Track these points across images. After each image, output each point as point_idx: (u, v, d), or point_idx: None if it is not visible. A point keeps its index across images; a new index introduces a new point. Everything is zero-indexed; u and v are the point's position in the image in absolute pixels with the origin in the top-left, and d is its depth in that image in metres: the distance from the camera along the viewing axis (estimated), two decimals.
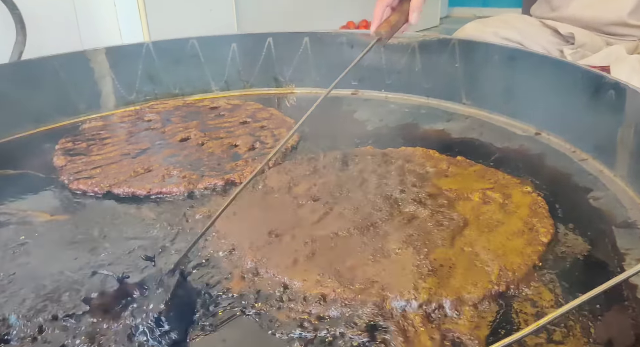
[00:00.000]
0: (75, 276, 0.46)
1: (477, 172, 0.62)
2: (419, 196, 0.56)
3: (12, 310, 0.42)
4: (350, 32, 0.93)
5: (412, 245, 0.48)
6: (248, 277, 0.46)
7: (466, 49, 0.82)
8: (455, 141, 0.74)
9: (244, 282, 0.46)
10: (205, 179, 0.65)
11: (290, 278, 0.45)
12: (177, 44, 0.93)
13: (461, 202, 0.56)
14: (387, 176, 0.60)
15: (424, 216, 0.53)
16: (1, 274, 0.47)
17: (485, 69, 0.80)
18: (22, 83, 0.79)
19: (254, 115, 0.87)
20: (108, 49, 0.88)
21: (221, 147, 0.75)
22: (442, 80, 0.87)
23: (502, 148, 0.71)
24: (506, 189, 0.58)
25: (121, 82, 0.91)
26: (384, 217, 0.53)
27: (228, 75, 0.98)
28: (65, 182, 0.65)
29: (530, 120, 0.76)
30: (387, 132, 0.79)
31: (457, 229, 0.51)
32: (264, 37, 0.95)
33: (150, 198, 0.62)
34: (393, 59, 0.91)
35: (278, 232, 0.51)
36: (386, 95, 0.94)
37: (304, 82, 0.98)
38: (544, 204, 0.55)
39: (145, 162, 0.70)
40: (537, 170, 0.64)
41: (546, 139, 0.72)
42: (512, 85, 0.78)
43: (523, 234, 0.50)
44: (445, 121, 0.81)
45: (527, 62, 0.74)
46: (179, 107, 0.92)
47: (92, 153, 0.74)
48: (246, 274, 0.46)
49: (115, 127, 0.84)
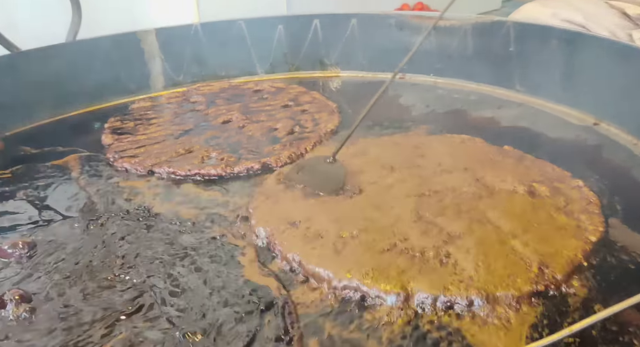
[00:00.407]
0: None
1: (524, 163, 0.58)
2: (463, 186, 0.54)
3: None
4: (400, 14, 0.90)
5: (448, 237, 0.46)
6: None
7: (522, 32, 0.77)
8: (505, 130, 0.70)
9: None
10: (242, 162, 0.65)
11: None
12: (225, 25, 0.94)
13: (505, 194, 0.53)
14: (426, 166, 0.58)
15: (466, 207, 0.50)
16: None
17: (542, 54, 0.75)
18: (76, 63, 0.82)
19: (296, 99, 0.86)
20: (158, 30, 0.89)
21: (261, 130, 0.75)
22: (495, 66, 0.82)
23: (555, 138, 0.67)
24: (555, 183, 0.54)
25: (170, 63, 0.92)
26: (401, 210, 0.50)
27: (274, 58, 0.97)
28: (111, 160, 0.68)
29: (589, 109, 0.70)
30: (433, 118, 0.76)
31: (498, 223, 0.48)
32: (311, 19, 0.93)
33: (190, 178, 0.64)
34: (444, 42, 0.87)
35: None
36: (435, 80, 0.90)
37: (350, 66, 0.96)
38: (596, 200, 0.51)
39: (186, 143, 0.71)
40: (593, 163, 0.60)
41: (605, 130, 0.67)
42: (571, 71, 0.72)
43: (569, 231, 0.47)
44: (496, 108, 0.77)
45: (589, 46, 0.68)
46: (224, 89, 0.92)
47: (138, 132, 0.76)
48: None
49: (162, 107, 0.85)
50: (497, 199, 0.52)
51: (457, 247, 0.45)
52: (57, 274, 0.45)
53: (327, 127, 0.75)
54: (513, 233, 0.47)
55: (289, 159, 0.67)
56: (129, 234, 0.51)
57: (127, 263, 0.46)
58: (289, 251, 0.46)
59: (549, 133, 0.68)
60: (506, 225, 0.48)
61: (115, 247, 0.49)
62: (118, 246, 0.49)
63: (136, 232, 0.51)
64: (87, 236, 0.51)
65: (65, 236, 0.51)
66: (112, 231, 0.51)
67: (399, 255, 0.44)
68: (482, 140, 0.63)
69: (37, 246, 0.49)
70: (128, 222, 0.53)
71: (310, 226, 0.49)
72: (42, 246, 0.49)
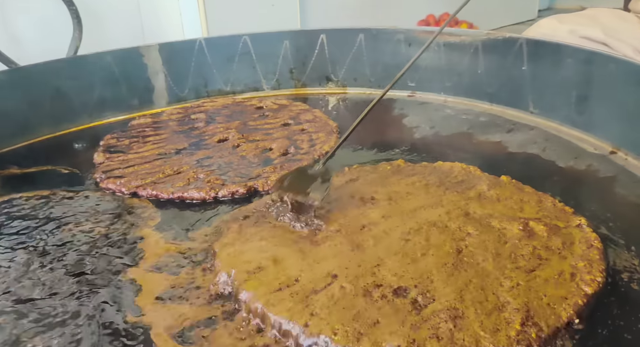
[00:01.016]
0: None
1: (522, 197, 0.53)
2: (445, 223, 0.49)
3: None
4: (408, 29, 0.85)
5: (419, 284, 0.42)
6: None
7: (535, 49, 0.71)
8: (511, 156, 0.65)
9: None
10: (227, 186, 0.63)
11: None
12: (230, 40, 0.92)
13: (496, 232, 0.48)
14: (410, 199, 0.53)
15: (447, 248, 0.46)
16: None
17: (557, 74, 0.69)
18: (77, 78, 0.82)
19: (297, 117, 0.83)
20: (161, 45, 0.89)
21: (255, 150, 0.72)
22: (508, 85, 0.77)
23: (565, 168, 0.61)
24: (554, 220, 0.49)
25: (173, 79, 0.91)
26: (384, 250, 0.46)
27: (280, 74, 0.95)
28: (97, 180, 0.66)
29: (606, 136, 0.64)
30: (435, 141, 0.71)
31: (483, 266, 0.43)
32: (317, 34, 0.91)
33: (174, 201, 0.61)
34: (453, 59, 0.82)
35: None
36: (445, 98, 0.86)
37: (358, 82, 0.93)
38: (598, 243, 0.45)
39: (176, 164, 0.69)
40: (604, 197, 0.54)
41: (622, 160, 0.61)
42: (588, 93, 0.66)
43: (562, 280, 0.42)
44: (505, 132, 0.72)
45: (606, 67, 0.62)
46: (227, 106, 0.91)
47: (132, 151, 0.75)
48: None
49: (161, 124, 0.84)
50: (485, 238, 0.47)
51: (437, 294, 0.40)
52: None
53: (323, 148, 0.72)
54: (499, 280, 0.42)
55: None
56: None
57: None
58: (253, 301, 0.42)
59: (559, 161, 0.62)
60: (492, 270, 0.43)
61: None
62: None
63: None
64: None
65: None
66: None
67: (373, 304, 0.40)
68: (476, 168, 0.58)
69: None
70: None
71: (280, 271, 0.44)
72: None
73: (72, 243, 0.52)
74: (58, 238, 0.53)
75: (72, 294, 0.44)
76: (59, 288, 0.45)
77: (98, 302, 0.43)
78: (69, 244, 0.52)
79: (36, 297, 0.44)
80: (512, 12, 2.29)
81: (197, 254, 0.49)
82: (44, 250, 0.51)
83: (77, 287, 0.45)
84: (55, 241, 0.52)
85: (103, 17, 0.96)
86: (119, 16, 1.01)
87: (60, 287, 0.45)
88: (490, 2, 1.97)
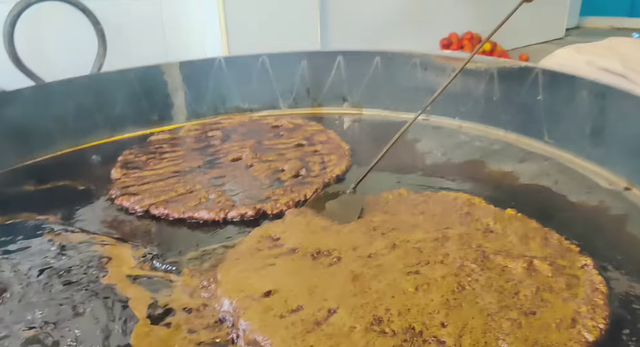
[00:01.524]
0: None
1: (527, 232, 0.52)
2: (449, 258, 0.49)
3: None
4: (424, 54, 0.86)
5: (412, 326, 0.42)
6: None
7: (550, 80, 0.71)
8: (521, 188, 0.65)
9: None
10: (237, 207, 0.64)
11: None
12: (248, 59, 0.94)
13: (499, 270, 0.48)
14: (411, 230, 0.53)
15: (450, 284, 0.46)
16: None
17: (572, 105, 0.69)
18: (100, 94, 0.85)
19: (311, 138, 0.84)
20: (182, 63, 0.91)
21: (267, 171, 0.73)
22: (523, 113, 0.77)
23: (576, 203, 0.60)
24: (559, 259, 0.48)
25: (193, 96, 0.94)
26: (385, 283, 0.46)
27: (297, 93, 0.96)
28: (112, 197, 0.68)
29: (621, 171, 0.63)
30: (445, 169, 0.71)
31: (484, 304, 0.43)
32: (334, 55, 0.92)
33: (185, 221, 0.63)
34: (469, 85, 0.82)
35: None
36: (460, 124, 0.85)
37: (373, 104, 0.93)
38: (603, 287, 0.45)
39: (190, 182, 0.71)
40: (614, 237, 0.53)
41: (636, 197, 0.60)
42: (603, 126, 0.65)
43: (563, 325, 0.41)
44: (518, 162, 0.71)
45: (621, 101, 0.62)
46: (243, 124, 0.92)
47: (148, 167, 0.76)
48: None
49: (178, 141, 0.86)
50: (489, 274, 0.47)
51: (438, 333, 0.40)
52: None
53: (334, 171, 0.72)
54: (499, 321, 0.42)
55: (286, 206, 0.64)
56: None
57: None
58: (254, 331, 0.42)
59: (571, 196, 0.62)
60: (494, 310, 0.43)
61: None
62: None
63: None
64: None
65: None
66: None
67: (376, 338, 0.40)
68: (481, 199, 0.58)
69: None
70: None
71: (283, 301, 0.44)
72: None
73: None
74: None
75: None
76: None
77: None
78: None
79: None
80: (539, 31, 2.26)
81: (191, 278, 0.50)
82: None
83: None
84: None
85: (128, 36, 0.99)
86: (143, 35, 1.04)
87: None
88: (516, 21, 1.94)
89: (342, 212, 0.59)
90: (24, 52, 0.84)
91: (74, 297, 0.48)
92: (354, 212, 0.59)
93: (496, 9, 1.78)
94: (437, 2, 1.68)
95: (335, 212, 0.59)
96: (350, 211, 0.59)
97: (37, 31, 0.89)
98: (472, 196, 0.58)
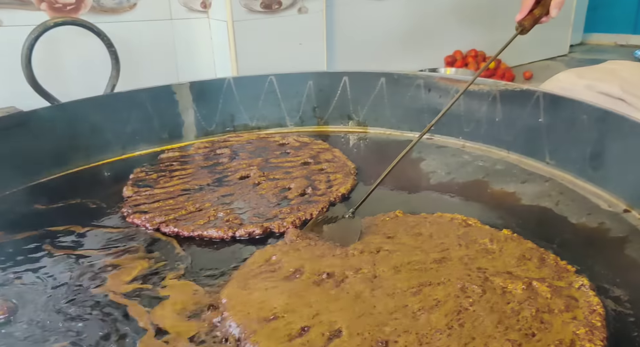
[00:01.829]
0: None
1: (524, 253, 0.54)
2: (449, 280, 0.50)
3: None
4: (428, 75, 0.88)
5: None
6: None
7: (551, 103, 0.73)
8: (523, 209, 0.66)
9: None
10: (245, 226, 0.66)
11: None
12: (256, 80, 0.96)
13: (499, 291, 0.49)
14: (411, 252, 0.55)
15: (451, 306, 0.47)
16: None
17: (573, 128, 0.70)
18: (113, 113, 0.87)
19: (317, 156, 0.86)
20: (192, 84, 0.93)
21: (274, 189, 0.75)
22: (525, 135, 0.78)
23: (576, 224, 0.61)
24: (557, 281, 0.50)
25: (202, 115, 0.96)
26: (389, 305, 0.47)
27: (303, 112, 0.99)
28: (124, 215, 0.70)
29: (621, 194, 0.64)
30: (449, 189, 0.73)
31: (484, 327, 0.45)
32: (340, 76, 0.94)
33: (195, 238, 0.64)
34: (472, 106, 0.84)
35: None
36: (464, 143, 0.87)
37: (378, 122, 0.96)
38: (600, 309, 0.46)
39: (199, 200, 0.73)
40: (613, 259, 0.54)
41: (636, 220, 0.61)
42: (602, 150, 0.67)
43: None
44: (520, 182, 0.73)
45: (621, 126, 0.63)
46: (251, 141, 0.94)
47: (158, 185, 0.79)
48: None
49: (188, 159, 0.88)
50: (488, 296, 0.48)
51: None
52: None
53: (339, 190, 0.74)
54: (499, 343, 0.43)
55: (292, 225, 0.66)
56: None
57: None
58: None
59: (571, 217, 0.63)
60: (494, 332, 0.44)
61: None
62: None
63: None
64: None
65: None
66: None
67: None
68: (476, 220, 0.59)
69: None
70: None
71: (289, 323, 0.46)
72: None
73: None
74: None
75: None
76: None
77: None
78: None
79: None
80: (543, 48, 2.28)
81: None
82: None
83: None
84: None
85: (140, 58, 1.02)
86: (155, 57, 1.07)
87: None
88: (520, 38, 1.97)
89: (341, 235, 0.60)
90: (40, 73, 0.87)
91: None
92: (354, 235, 0.60)
93: (499, 28, 1.81)
94: (442, 22, 1.71)
95: (334, 235, 0.60)
96: (350, 234, 0.60)
97: (54, 53, 0.93)
98: (467, 217, 0.60)
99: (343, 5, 1.37)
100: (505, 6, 1.78)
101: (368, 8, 1.44)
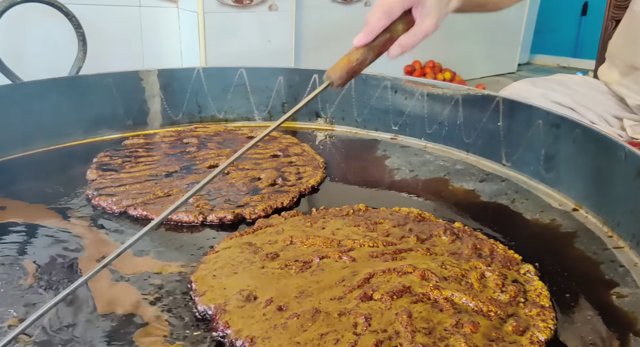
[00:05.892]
0: None
1: (476, 243, 0.57)
2: (407, 272, 0.52)
3: None
4: (395, 77, 0.92)
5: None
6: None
7: (510, 108, 0.78)
8: (482, 205, 0.70)
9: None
10: (216, 211, 0.66)
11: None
12: (227, 72, 0.97)
13: (459, 279, 0.51)
14: (361, 242, 0.57)
15: (411, 295, 0.49)
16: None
17: (528, 132, 0.76)
18: (76, 96, 0.85)
19: (286, 150, 0.87)
20: (160, 71, 0.92)
21: (244, 179, 0.76)
22: (484, 137, 0.83)
23: (530, 220, 0.66)
24: (505, 269, 0.53)
25: (169, 103, 0.95)
26: (335, 298, 0.48)
27: (272, 106, 1.00)
28: (89, 197, 0.69)
29: (570, 194, 0.70)
30: (414, 185, 0.76)
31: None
32: (310, 73, 0.96)
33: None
34: (435, 108, 0.88)
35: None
36: (425, 144, 0.91)
37: (345, 121, 0.98)
38: (546, 291, 0.50)
39: (167, 186, 0.72)
40: (562, 252, 0.59)
41: (583, 217, 0.66)
42: (555, 153, 0.72)
43: (518, 326, 0.45)
44: (479, 181, 0.77)
45: (572, 131, 0.69)
46: (218, 133, 0.94)
47: (124, 170, 0.77)
48: None
49: (153, 146, 0.87)
50: (446, 285, 0.50)
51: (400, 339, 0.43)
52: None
53: (309, 182, 0.76)
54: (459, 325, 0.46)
55: (264, 212, 0.67)
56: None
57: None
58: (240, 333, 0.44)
59: (526, 214, 0.68)
60: (452, 315, 0.47)
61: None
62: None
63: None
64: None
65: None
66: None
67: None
68: (430, 214, 0.63)
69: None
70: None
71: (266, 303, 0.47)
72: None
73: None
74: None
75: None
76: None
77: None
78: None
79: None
80: (494, 65, 2.42)
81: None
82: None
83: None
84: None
85: (106, 42, 1.00)
86: (122, 42, 1.05)
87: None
88: (473, 54, 2.07)
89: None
90: (4, 49, 0.83)
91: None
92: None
93: (455, 41, 1.90)
94: None
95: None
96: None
97: (19, 31, 0.89)
98: (422, 211, 0.63)
99: (310, 7, 1.40)
100: (463, 22, 1.87)
101: (335, 11, 1.48)
